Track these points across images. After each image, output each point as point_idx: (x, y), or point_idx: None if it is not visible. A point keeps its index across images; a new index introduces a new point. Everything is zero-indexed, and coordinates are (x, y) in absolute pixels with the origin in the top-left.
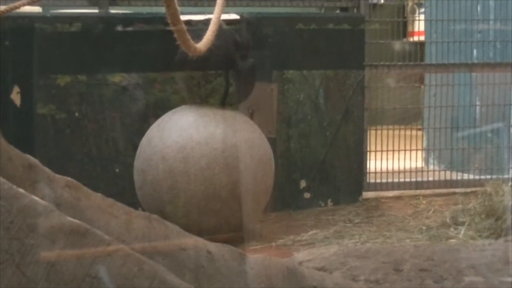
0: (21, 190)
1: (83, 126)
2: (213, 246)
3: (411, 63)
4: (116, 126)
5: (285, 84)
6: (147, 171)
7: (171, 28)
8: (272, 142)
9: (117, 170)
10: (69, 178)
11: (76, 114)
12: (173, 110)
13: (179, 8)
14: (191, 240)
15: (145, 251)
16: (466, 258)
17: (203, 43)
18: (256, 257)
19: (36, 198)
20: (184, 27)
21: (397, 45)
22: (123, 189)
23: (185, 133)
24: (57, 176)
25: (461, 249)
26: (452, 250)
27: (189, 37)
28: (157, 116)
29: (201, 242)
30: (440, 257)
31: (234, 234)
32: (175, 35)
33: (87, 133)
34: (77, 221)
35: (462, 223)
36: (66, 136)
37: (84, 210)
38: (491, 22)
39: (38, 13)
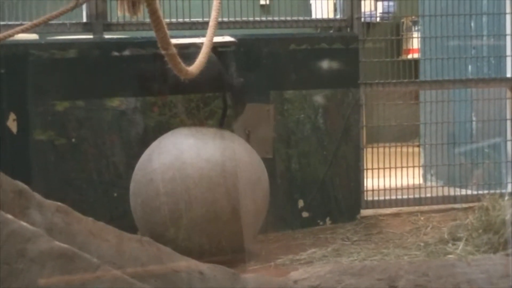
0: (9, 216)
1: (82, 151)
2: (205, 267)
3: (405, 80)
4: (116, 150)
5: (278, 104)
6: (147, 195)
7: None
8: (270, 162)
9: (115, 195)
10: (59, 203)
11: (73, 140)
12: (171, 132)
13: (168, 32)
14: (183, 262)
15: (137, 273)
16: (462, 273)
17: (195, 66)
18: (248, 276)
19: (25, 224)
20: (175, 50)
21: (392, 63)
22: (124, 213)
23: (185, 157)
24: (48, 201)
25: (456, 264)
26: (447, 265)
27: (180, 60)
28: (156, 139)
29: (193, 263)
30: (435, 273)
31: (234, 255)
32: (166, 59)
33: (86, 157)
34: (65, 245)
35: (460, 239)
36: (66, 161)
37: (75, 234)
38: (484, 38)
39: (33, 40)
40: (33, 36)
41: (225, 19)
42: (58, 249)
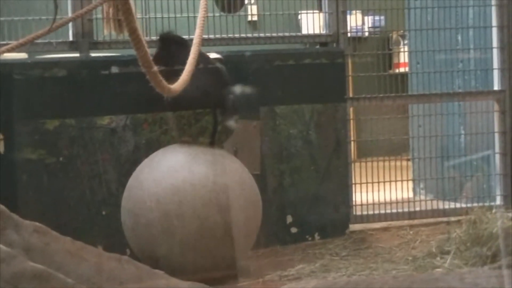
0: None
1: (73, 169)
2: (185, 285)
3: (392, 94)
4: (107, 168)
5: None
6: (140, 213)
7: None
8: (257, 178)
9: (106, 212)
10: (37, 223)
11: (61, 158)
12: (162, 150)
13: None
14: (163, 280)
15: None
16: (446, 287)
17: (179, 84)
18: None
19: None
20: (156, 68)
21: (381, 77)
22: (115, 231)
23: (178, 174)
24: (25, 221)
25: (440, 278)
26: (431, 279)
27: (161, 78)
28: (147, 156)
29: (173, 281)
30: (419, 287)
31: (224, 272)
32: (148, 77)
33: (78, 176)
34: (40, 266)
35: (448, 252)
36: (57, 179)
37: (53, 254)
38: (471, 51)
39: (19, 59)
40: (22, 55)
41: (211, 36)
42: (32, 270)
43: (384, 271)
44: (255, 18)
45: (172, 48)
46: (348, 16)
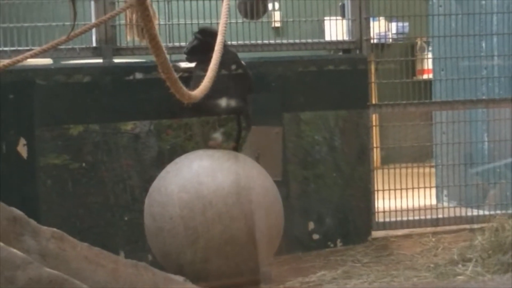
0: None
1: (97, 174)
2: None
3: (415, 101)
4: (131, 174)
5: (289, 126)
6: (163, 218)
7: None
8: (279, 184)
9: (130, 218)
10: (55, 229)
11: (84, 164)
12: (186, 155)
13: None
14: (179, 286)
15: None
16: None
17: (199, 90)
18: None
19: (15, 251)
20: (176, 75)
21: (405, 84)
22: (139, 237)
23: (202, 179)
24: (43, 227)
25: (461, 286)
26: (452, 287)
27: (181, 85)
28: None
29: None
30: None
31: (247, 278)
32: (168, 84)
33: (101, 181)
34: (55, 272)
35: (470, 260)
36: (81, 185)
37: (69, 260)
38: (495, 58)
39: (43, 65)
40: (46, 61)
41: (234, 42)
42: (47, 276)
43: (405, 278)
44: (278, 24)
45: (208, 39)
46: (372, 23)
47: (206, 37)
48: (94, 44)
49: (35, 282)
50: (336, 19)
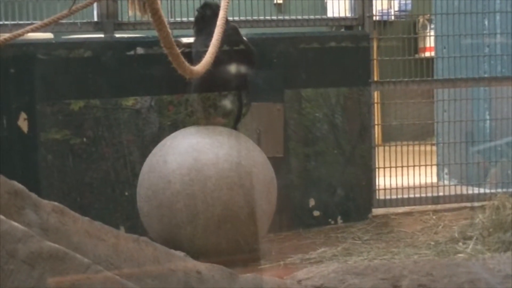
0: (0, 216)
1: (98, 150)
2: (202, 267)
3: (417, 79)
4: (132, 149)
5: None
6: (162, 194)
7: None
8: (280, 161)
9: (127, 194)
10: (55, 203)
11: (85, 139)
12: (181, 131)
13: (176, 31)
14: (181, 262)
15: (133, 274)
16: (466, 272)
17: (201, 65)
18: (247, 276)
19: (16, 224)
20: (178, 50)
21: (407, 61)
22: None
23: (201, 155)
24: (44, 201)
25: (461, 264)
26: (451, 265)
27: (184, 60)
28: None
29: (191, 263)
30: (439, 272)
31: (246, 255)
32: (170, 59)
33: (102, 157)
34: (56, 245)
35: (471, 238)
36: (81, 160)
37: (70, 234)
38: (498, 36)
39: (44, 39)
40: (47, 35)
41: (236, 18)
42: (48, 250)
43: (405, 255)
44: (280, 0)
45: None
46: (375, 0)
47: (208, 12)
48: (95, 19)
49: (36, 255)
50: None
